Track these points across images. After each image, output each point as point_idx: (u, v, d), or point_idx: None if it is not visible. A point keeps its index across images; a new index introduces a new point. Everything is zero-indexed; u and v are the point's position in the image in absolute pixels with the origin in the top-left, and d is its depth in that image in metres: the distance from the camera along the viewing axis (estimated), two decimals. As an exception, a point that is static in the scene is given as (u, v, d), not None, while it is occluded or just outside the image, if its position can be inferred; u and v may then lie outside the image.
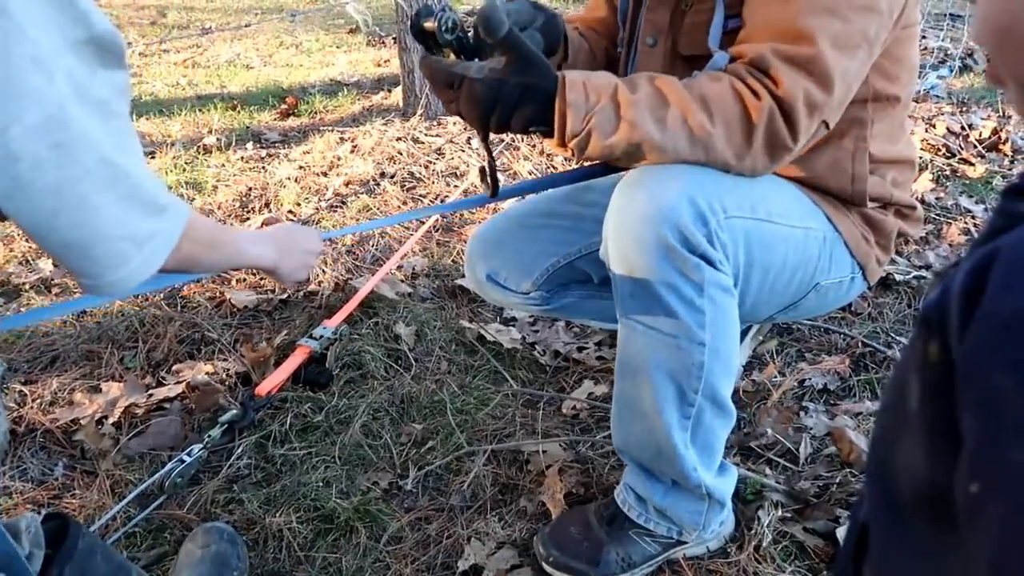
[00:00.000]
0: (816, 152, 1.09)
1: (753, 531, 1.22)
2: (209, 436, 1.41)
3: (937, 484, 0.41)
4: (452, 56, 0.96)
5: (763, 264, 1.05)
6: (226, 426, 1.44)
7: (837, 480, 1.33)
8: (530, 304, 1.37)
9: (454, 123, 3.08)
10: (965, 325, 0.38)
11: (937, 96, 3.34)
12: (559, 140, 0.94)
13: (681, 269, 0.95)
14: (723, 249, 0.98)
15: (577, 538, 1.18)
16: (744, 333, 1.57)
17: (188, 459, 1.35)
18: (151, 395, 1.56)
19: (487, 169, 1.07)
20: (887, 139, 1.13)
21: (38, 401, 1.56)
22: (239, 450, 1.43)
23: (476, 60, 0.94)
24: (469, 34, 0.95)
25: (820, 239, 1.11)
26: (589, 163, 1.16)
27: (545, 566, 1.18)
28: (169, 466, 1.34)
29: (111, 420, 1.50)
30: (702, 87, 0.93)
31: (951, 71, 3.48)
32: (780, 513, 1.25)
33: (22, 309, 1.90)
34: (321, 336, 1.68)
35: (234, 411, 1.47)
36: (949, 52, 4.18)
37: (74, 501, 1.32)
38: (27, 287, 2.00)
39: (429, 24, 0.92)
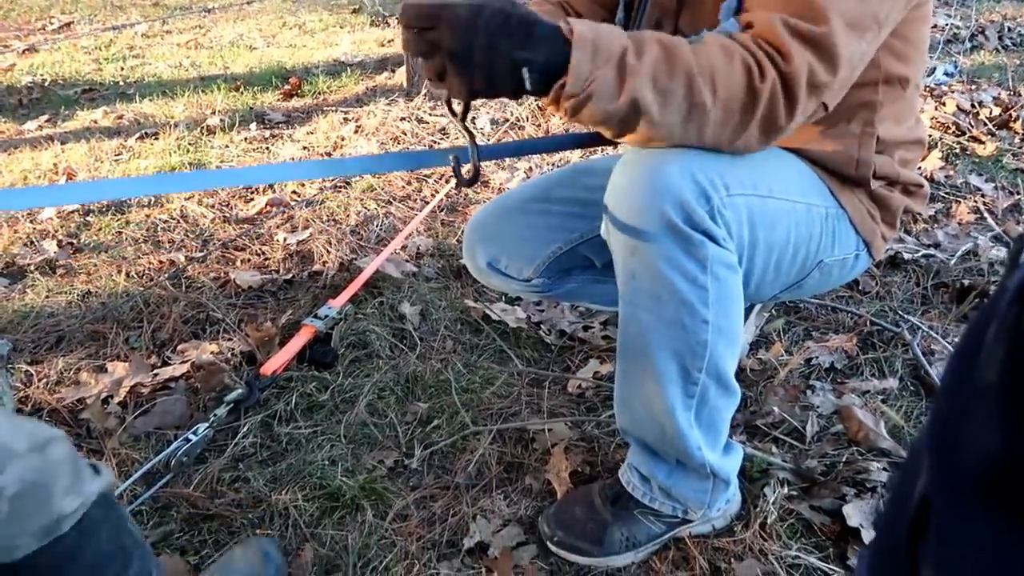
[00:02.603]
0: (822, 135, 1.07)
1: (759, 508, 1.21)
2: (215, 416, 1.41)
3: (1014, 466, 0.37)
4: None
5: (767, 242, 1.03)
6: (232, 405, 1.44)
7: (844, 458, 1.32)
8: (532, 291, 1.36)
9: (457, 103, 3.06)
10: None
11: (948, 75, 3.30)
12: (553, 97, 0.88)
13: (684, 246, 0.93)
14: (726, 226, 0.96)
15: (581, 518, 1.18)
16: (748, 311, 1.56)
17: (194, 438, 1.35)
18: (156, 375, 1.56)
19: (471, 145, 0.97)
20: (895, 121, 1.11)
21: (44, 381, 1.56)
22: (244, 429, 1.43)
23: None
24: None
25: (823, 215, 1.09)
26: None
27: (550, 545, 1.18)
28: (175, 445, 1.34)
29: (117, 399, 1.50)
30: (712, 59, 0.88)
31: (956, 68, 3.42)
32: (786, 491, 1.25)
33: (27, 290, 1.90)
34: (326, 316, 1.68)
35: (240, 391, 1.47)
36: (959, 31, 4.13)
37: (81, 479, 1.32)
38: (32, 267, 1.99)
39: None
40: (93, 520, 0.81)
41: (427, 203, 2.32)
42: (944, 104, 2.93)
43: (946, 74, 3.31)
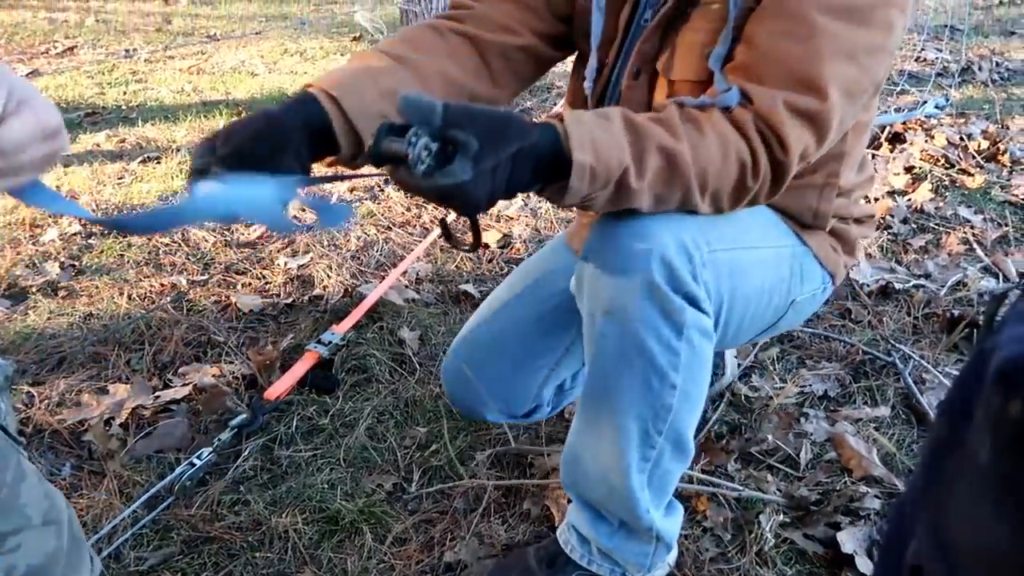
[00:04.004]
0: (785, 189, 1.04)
1: (754, 535, 1.23)
2: (219, 440, 1.42)
3: (1006, 546, 0.37)
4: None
5: (744, 293, 1.03)
6: (235, 430, 1.45)
7: (837, 486, 1.34)
8: (535, 419, 1.37)
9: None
10: None
11: (938, 108, 3.36)
12: (551, 193, 0.87)
13: (662, 309, 0.92)
14: (705, 286, 0.95)
15: None
16: (722, 353, 1.58)
17: (198, 463, 1.36)
18: (158, 397, 1.57)
19: (474, 229, 0.91)
20: (856, 167, 1.12)
21: (46, 402, 1.57)
22: (245, 452, 1.44)
23: (455, 161, 0.75)
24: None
25: (790, 255, 1.10)
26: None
27: None
28: (179, 469, 1.35)
29: (118, 421, 1.51)
30: (709, 159, 0.87)
31: (947, 100, 3.48)
32: (780, 518, 1.26)
33: (29, 312, 1.92)
34: (329, 342, 1.70)
35: (243, 415, 1.48)
36: (948, 64, 4.22)
37: (82, 501, 1.33)
38: (34, 289, 2.01)
39: (396, 147, 0.77)
40: None
41: (427, 229, 2.35)
42: (933, 137, 2.99)
43: (937, 107, 3.36)
